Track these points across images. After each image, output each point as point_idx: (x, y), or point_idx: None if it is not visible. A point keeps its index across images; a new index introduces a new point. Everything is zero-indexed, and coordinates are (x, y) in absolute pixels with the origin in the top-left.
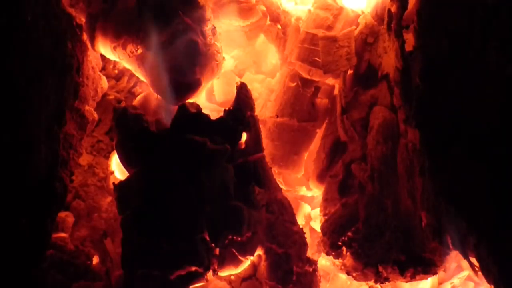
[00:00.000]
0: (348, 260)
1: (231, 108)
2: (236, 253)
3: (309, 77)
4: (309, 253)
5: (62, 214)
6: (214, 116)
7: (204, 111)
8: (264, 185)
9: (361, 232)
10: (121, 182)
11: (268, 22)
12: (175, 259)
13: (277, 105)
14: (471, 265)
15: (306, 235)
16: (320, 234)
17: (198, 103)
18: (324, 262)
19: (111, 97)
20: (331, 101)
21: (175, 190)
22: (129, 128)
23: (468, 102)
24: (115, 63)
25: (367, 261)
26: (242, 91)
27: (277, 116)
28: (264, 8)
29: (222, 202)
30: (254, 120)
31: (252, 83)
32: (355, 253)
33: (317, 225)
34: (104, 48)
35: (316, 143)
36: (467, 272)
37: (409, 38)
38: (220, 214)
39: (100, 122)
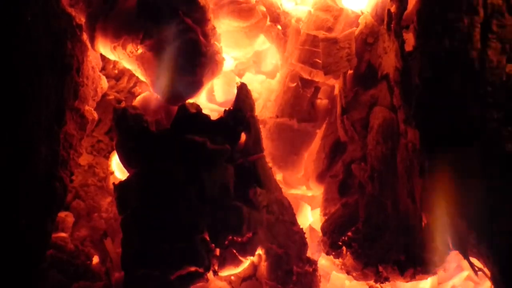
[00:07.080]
0: (348, 260)
1: (231, 108)
2: (236, 254)
3: (309, 78)
4: (309, 253)
5: (62, 214)
6: (214, 116)
7: (204, 111)
8: (264, 185)
9: (361, 232)
10: (121, 182)
11: (268, 22)
12: (175, 259)
13: (277, 105)
14: (471, 265)
15: (306, 235)
16: (320, 234)
17: (198, 103)
18: (324, 262)
19: (111, 97)
20: (331, 101)
21: (175, 190)
22: (129, 128)
23: (468, 102)
24: (115, 63)
25: (367, 261)
26: (242, 91)
27: (277, 116)
28: (264, 9)
29: (222, 202)
30: (254, 120)
31: (252, 83)
32: (355, 253)
33: (317, 225)
34: (104, 48)
35: (316, 143)
36: (467, 272)
37: (409, 38)
38: (220, 214)
39: (100, 122)
